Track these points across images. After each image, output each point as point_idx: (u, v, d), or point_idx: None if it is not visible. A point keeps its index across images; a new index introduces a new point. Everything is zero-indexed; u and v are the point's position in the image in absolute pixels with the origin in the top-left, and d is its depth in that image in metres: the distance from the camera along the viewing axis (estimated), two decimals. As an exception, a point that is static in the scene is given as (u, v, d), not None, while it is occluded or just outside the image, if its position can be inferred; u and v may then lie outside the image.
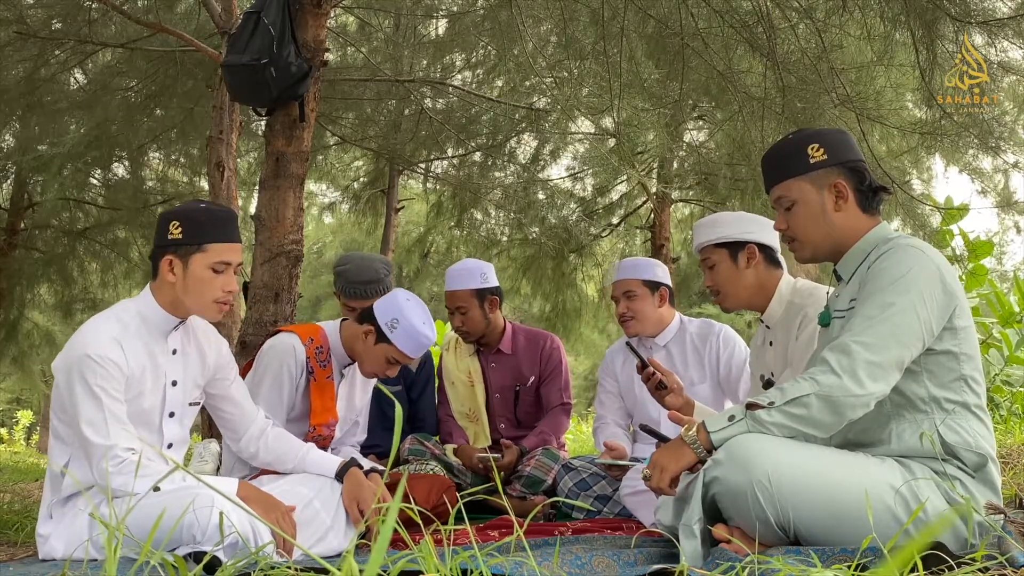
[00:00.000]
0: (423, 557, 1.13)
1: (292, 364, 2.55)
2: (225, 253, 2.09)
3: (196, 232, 2.07)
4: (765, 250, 2.34)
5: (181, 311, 2.13)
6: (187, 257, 2.07)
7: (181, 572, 1.19)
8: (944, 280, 1.67)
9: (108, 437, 1.93)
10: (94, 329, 2.01)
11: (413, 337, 2.48)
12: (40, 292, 8.82)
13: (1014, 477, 2.74)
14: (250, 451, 2.34)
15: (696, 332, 3.03)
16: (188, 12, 6.20)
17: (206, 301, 2.09)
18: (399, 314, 2.48)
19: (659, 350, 3.04)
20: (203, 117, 6.22)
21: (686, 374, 2.97)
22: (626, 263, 3.09)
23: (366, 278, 3.13)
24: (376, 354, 2.53)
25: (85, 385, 1.93)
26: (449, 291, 3.30)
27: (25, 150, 6.62)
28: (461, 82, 7.09)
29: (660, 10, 3.91)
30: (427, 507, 2.56)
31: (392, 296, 2.55)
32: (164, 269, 2.08)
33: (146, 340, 2.08)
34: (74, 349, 1.97)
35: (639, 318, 2.99)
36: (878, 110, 4.11)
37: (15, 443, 15.83)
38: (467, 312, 3.27)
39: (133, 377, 2.03)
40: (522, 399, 3.40)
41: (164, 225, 2.09)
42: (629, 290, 3.00)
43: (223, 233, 2.10)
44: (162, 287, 2.10)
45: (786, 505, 1.57)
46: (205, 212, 2.12)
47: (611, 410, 3.11)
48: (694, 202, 9.01)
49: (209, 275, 2.07)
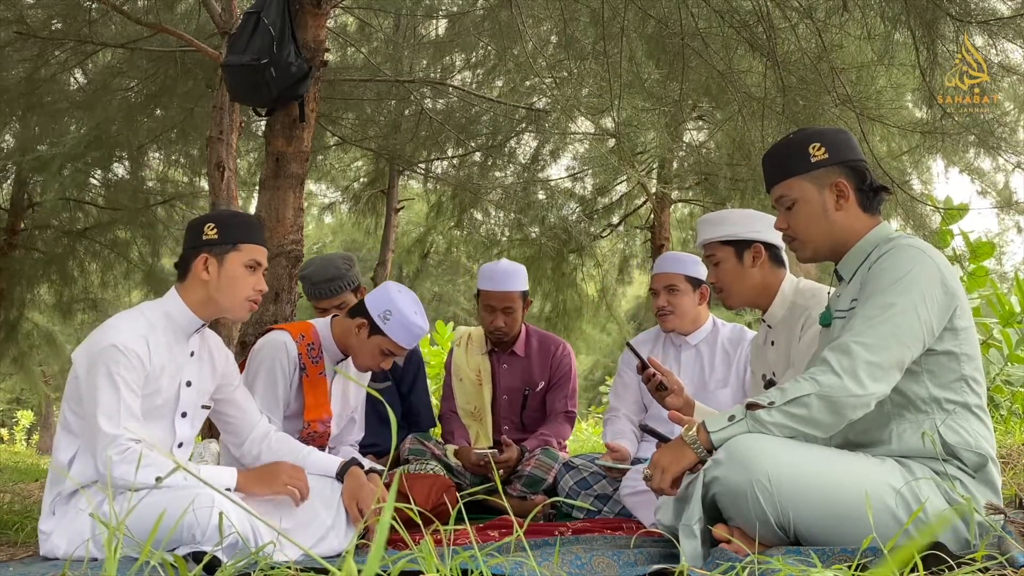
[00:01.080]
0: (423, 557, 1.13)
1: (284, 361, 2.56)
2: (256, 253, 2.21)
3: (230, 232, 2.18)
4: (771, 249, 2.32)
5: (209, 311, 2.19)
6: (222, 256, 2.16)
7: (181, 572, 1.19)
8: (945, 280, 1.67)
9: (119, 427, 1.96)
10: (123, 323, 2.07)
11: (407, 327, 2.50)
12: (40, 292, 8.82)
13: (1014, 477, 2.74)
14: (253, 454, 2.35)
15: (728, 336, 3.00)
16: (188, 12, 6.19)
17: (239, 299, 2.18)
18: (391, 305, 2.50)
19: (689, 349, 3.00)
20: (203, 117, 6.22)
21: (712, 377, 2.94)
22: (669, 256, 3.05)
23: (328, 276, 3.15)
24: (370, 347, 2.55)
25: (108, 374, 1.97)
26: (501, 291, 3.27)
27: (25, 150, 6.62)
28: (461, 82, 7.08)
29: (660, 10, 3.91)
30: (427, 507, 2.56)
31: (383, 288, 2.57)
32: (199, 268, 2.15)
33: (169, 340, 2.14)
34: (101, 339, 2.01)
35: (678, 313, 2.95)
36: (878, 110, 4.11)
37: (15, 443, 15.83)
38: (513, 313, 3.29)
39: (153, 374, 2.07)
40: (529, 403, 3.39)
41: (197, 228, 2.20)
42: (672, 284, 2.95)
43: (255, 235, 2.22)
44: (192, 287, 2.17)
45: (786, 505, 1.57)
46: (237, 216, 2.27)
47: (625, 403, 3.08)
48: (694, 202, 9.01)
49: (243, 273, 2.17)
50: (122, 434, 1.96)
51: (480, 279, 3.37)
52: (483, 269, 3.37)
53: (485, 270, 3.35)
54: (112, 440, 1.95)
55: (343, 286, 3.16)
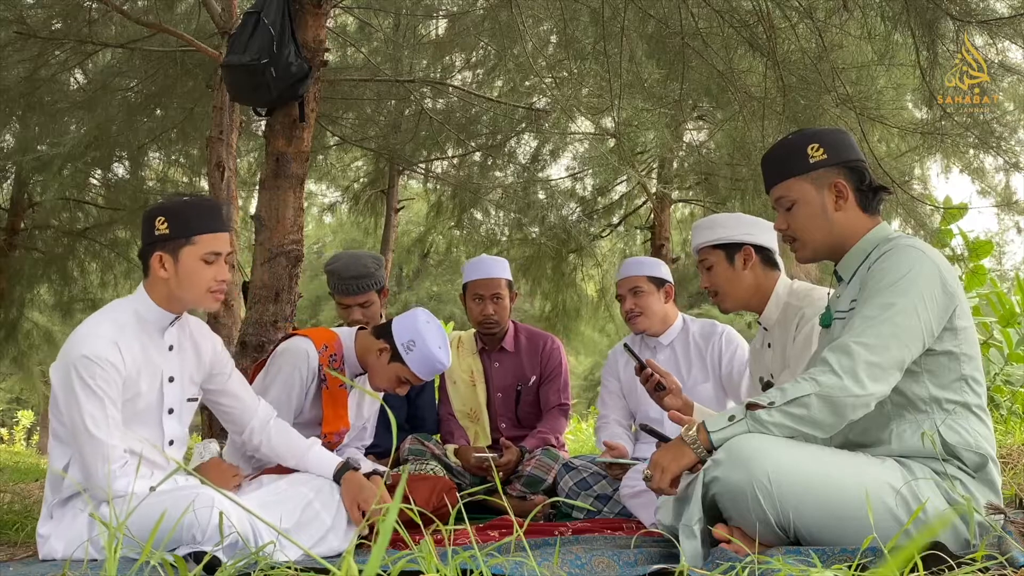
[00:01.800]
0: (423, 557, 1.13)
1: (304, 369, 2.54)
2: (214, 243, 2.10)
3: (182, 225, 2.07)
4: (762, 252, 2.34)
5: (177, 306, 2.14)
6: (176, 251, 2.07)
7: (181, 572, 1.19)
8: (944, 281, 1.67)
9: (111, 436, 1.94)
10: (90, 331, 2.01)
11: (428, 361, 2.47)
12: (40, 292, 8.82)
13: (1014, 477, 2.74)
14: (254, 443, 2.33)
15: (699, 332, 3.04)
16: (188, 12, 6.19)
17: (200, 292, 2.10)
18: (417, 336, 2.47)
19: (663, 349, 3.04)
20: (203, 117, 6.21)
21: (689, 373, 2.97)
22: (631, 261, 3.11)
23: (356, 273, 3.14)
24: (388, 372, 2.53)
25: (84, 384, 1.93)
26: (489, 278, 3.32)
27: (25, 150, 6.61)
28: (461, 82, 7.08)
29: (660, 10, 3.91)
30: (428, 509, 2.56)
31: (412, 316, 2.53)
32: (155, 266, 2.08)
33: (142, 338, 2.09)
34: (71, 350, 1.96)
35: (646, 314, 3.00)
36: (878, 110, 4.11)
37: (15, 443, 15.83)
38: (501, 300, 3.32)
39: (130, 378, 2.03)
40: (523, 399, 3.41)
41: (149, 222, 2.09)
42: (636, 286, 3.01)
43: (210, 224, 2.10)
44: (155, 284, 2.11)
45: (786, 505, 1.57)
46: (190, 204, 2.11)
47: (613, 409, 3.12)
48: (694, 202, 9.01)
49: (200, 266, 2.08)
50: (116, 445, 1.93)
51: (465, 273, 3.43)
52: (467, 264, 3.45)
53: (469, 263, 3.43)
54: (108, 451, 1.93)
55: (370, 285, 3.16)
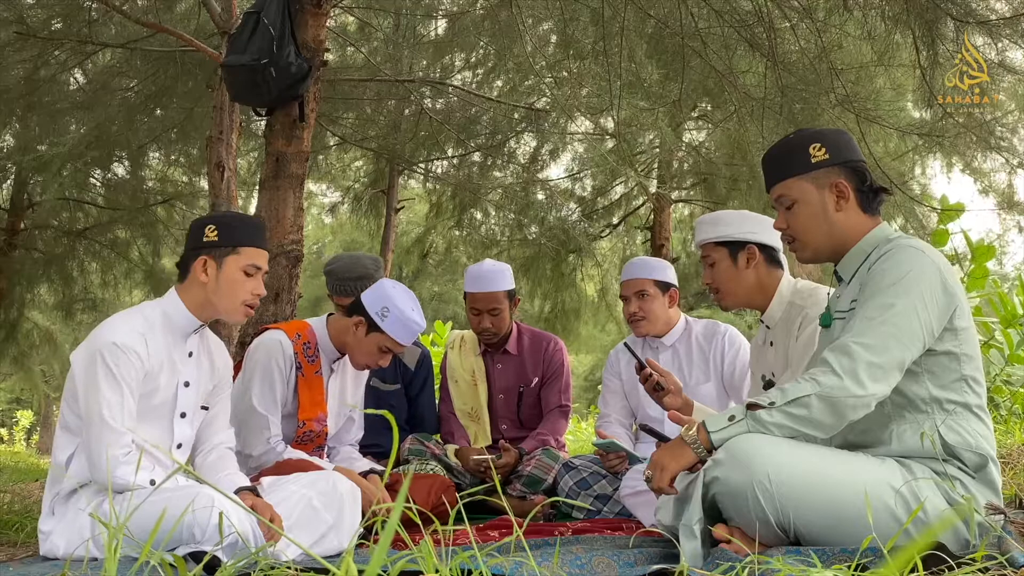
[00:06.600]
0: (423, 557, 1.13)
1: (280, 360, 2.56)
2: (256, 257, 2.19)
3: (231, 235, 2.17)
4: (766, 250, 2.32)
5: (206, 313, 2.19)
6: (221, 258, 2.15)
7: (181, 572, 1.19)
8: (945, 281, 1.67)
9: (123, 423, 1.97)
10: (120, 322, 2.07)
11: (404, 324, 2.51)
12: (40, 292, 8.82)
13: (1014, 477, 2.73)
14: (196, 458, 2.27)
15: (701, 332, 3.03)
16: (188, 12, 6.19)
17: (235, 303, 2.17)
18: (388, 302, 2.51)
19: (666, 350, 3.03)
20: (203, 117, 6.21)
21: (691, 374, 2.97)
22: (637, 262, 3.06)
23: (355, 274, 3.14)
24: (368, 344, 2.55)
25: (108, 371, 1.98)
26: (485, 293, 3.26)
27: (25, 150, 6.62)
28: (461, 82, 7.08)
29: (660, 10, 3.91)
30: (427, 508, 2.56)
31: (379, 286, 2.57)
32: (198, 269, 2.14)
33: (167, 340, 2.14)
34: (100, 337, 2.01)
35: (650, 319, 2.98)
36: (877, 110, 4.11)
37: (15, 443, 15.83)
38: (500, 313, 3.28)
39: (151, 373, 2.07)
40: (525, 400, 3.40)
41: (199, 229, 2.19)
42: (642, 289, 2.97)
43: (256, 239, 2.20)
44: (191, 288, 2.17)
45: (786, 505, 1.57)
46: (239, 218, 2.26)
47: (614, 409, 3.11)
48: (694, 202, 9.02)
49: (241, 277, 2.16)
50: (126, 433, 1.96)
51: (466, 282, 3.36)
52: (468, 271, 3.37)
53: (469, 272, 3.35)
54: (117, 437, 1.95)
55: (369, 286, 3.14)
